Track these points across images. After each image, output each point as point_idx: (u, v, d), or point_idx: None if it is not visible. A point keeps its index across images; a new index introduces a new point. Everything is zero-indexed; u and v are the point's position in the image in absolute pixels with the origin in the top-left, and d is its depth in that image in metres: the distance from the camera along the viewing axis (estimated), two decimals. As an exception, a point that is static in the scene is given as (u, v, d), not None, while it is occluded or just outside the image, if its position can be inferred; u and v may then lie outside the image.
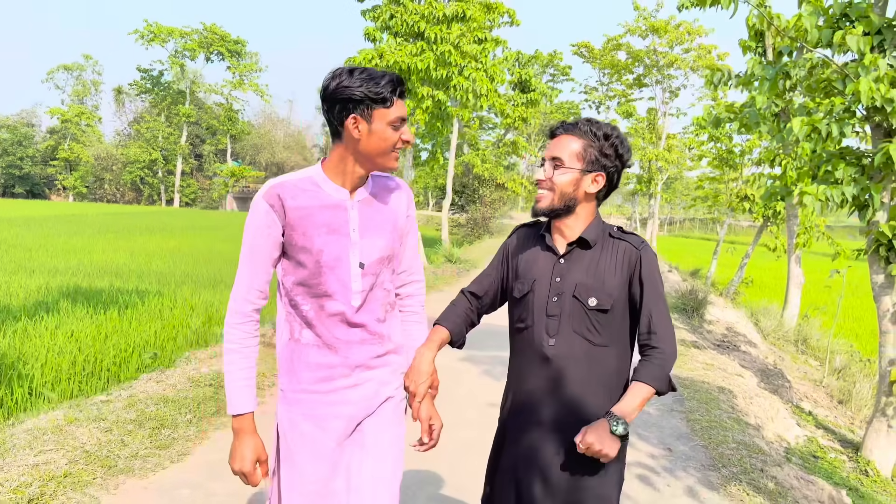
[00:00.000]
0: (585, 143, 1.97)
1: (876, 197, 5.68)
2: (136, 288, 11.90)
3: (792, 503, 3.59)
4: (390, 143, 1.88)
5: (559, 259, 2.01)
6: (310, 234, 1.88)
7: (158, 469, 3.52)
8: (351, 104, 1.82)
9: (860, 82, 5.44)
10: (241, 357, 1.93)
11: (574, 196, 1.98)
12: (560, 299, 1.95)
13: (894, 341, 5.95)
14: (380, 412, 2.02)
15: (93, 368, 7.14)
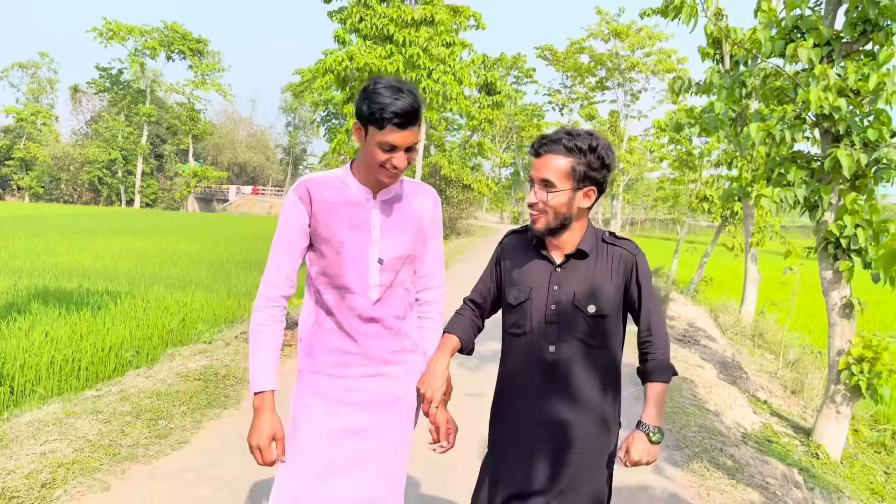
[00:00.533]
0: (572, 161, 1.98)
1: (825, 198, 6.09)
2: (106, 289, 11.88)
3: (748, 478, 3.93)
4: (377, 161, 1.95)
5: (556, 268, 2.07)
6: (333, 227, 2.01)
7: (160, 456, 3.71)
8: (357, 112, 1.97)
9: (810, 91, 5.83)
10: (266, 338, 2.03)
11: (569, 214, 2.02)
12: (559, 307, 2.02)
13: (842, 333, 6.36)
14: (390, 409, 2.09)
15: (71, 368, 7.22)
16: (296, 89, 59.65)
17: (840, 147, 5.97)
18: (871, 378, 6.17)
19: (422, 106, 1.99)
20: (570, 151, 1.98)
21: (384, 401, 2.07)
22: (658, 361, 2.02)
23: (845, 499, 5.36)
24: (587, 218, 2.09)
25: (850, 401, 6.34)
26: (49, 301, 10.08)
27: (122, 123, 60.74)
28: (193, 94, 60.70)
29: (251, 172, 69.31)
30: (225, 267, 16.93)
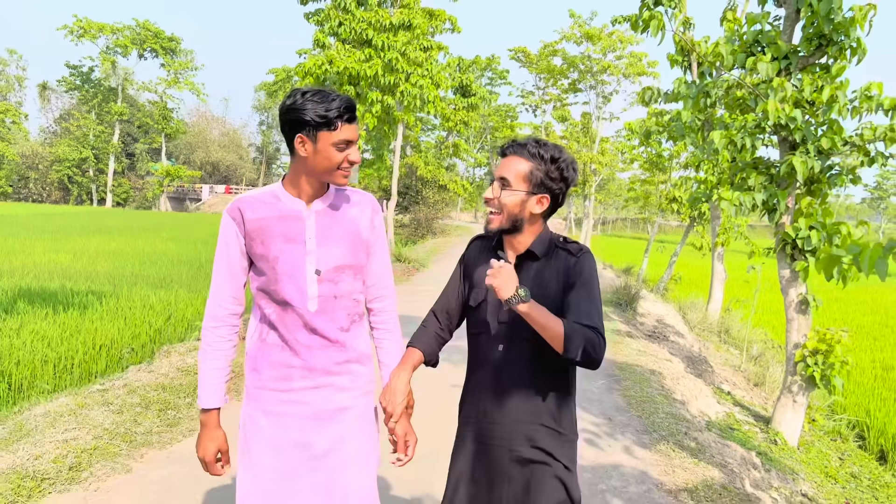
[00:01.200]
0: (532, 165, 2.04)
1: (781, 202, 6.55)
2: (89, 289, 12.03)
3: (709, 458, 4.34)
4: (335, 163, 1.99)
5: None
6: (267, 243, 2.02)
7: (174, 442, 4.02)
8: (299, 125, 1.95)
9: (767, 103, 6.28)
10: (213, 357, 2.07)
11: (520, 216, 2.07)
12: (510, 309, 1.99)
13: (798, 328, 6.83)
14: (340, 419, 2.10)
15: (64, 365, 7.44)
16: (270, 88, 59.52)
17: (796, 154, 6.41)
18: (825, 369, 6.63)
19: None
20: (532, 157, 2.04)
21: (329, 410, 2.08)
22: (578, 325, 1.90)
23: (800, 480, 5.81)
24: (542, 223, 2.13)
25: (806, 391, 6.80)
26: (34, 301, 10.24)
27: (94, 122, 60.09)
28: (166, 93, 60.26)
29: (224, 171, 68.94)
30: (205, 267, 17.08)
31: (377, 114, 15.13)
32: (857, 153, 6.84)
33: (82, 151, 58.95)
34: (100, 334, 8.43)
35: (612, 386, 6.01)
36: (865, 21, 6.45)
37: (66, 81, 62.34)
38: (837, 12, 6.44)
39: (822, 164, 6.60)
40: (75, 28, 53.56)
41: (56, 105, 66.62)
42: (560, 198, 2.10)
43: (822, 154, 6.63)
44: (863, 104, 6.59)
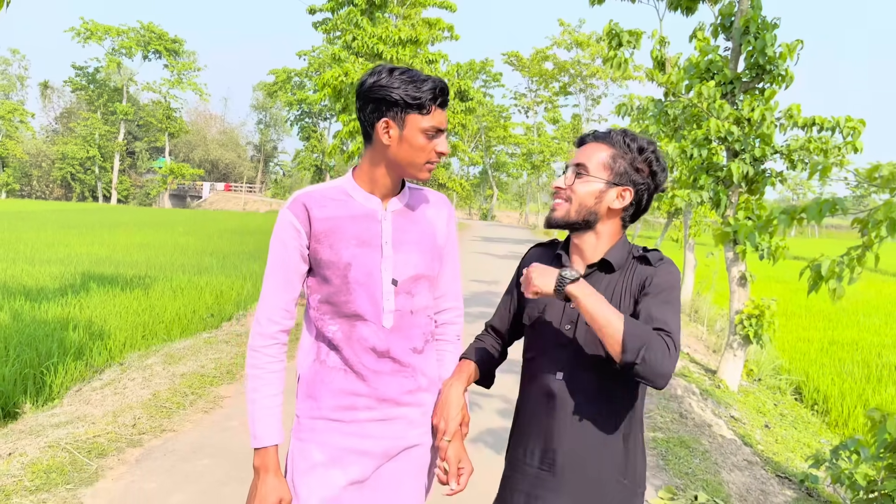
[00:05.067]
0: (616, 152, 1.76)
1: (723, 198, 8.36)
2: (138, 274, 13.79)
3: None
4: (422, 154, 1.74)
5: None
6: (337, 248, 1.76)
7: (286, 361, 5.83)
8: (385, 106, 1.70)
9: (711, 121, 8.09)
10: (266, 383, 1.80)
11: (594, 210, 1.75)
12: (573, 328, 1.74)
13: (739, 298, 8.62)
14: (403, 458, 1.86)
15: (144, 332, 9.20)
16: (269, 88, 61.11)
17: (735, 161, 8.22)
18: (757, 329, 8.44)
19: None
20: (617, 144, 1.77)
21: (398, 447, 1.84)
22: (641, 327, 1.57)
23: (732, 409, 7.66)
24: (621, 229, 1.81)
25: (743, 346, 8.62)
26: (101, 283, 11.99)
27: (99, 121, 61.65)
28: (169, 93, 61.88)
29: (223, 169, 70.48)
30: (228, 257, 18.84)
31: (387, 120, 16.91)
32: (784, 160, 8.67)
33: (89, 150, 60.52)
34: (168, 309, 10.21)
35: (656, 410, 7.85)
36: (794, 54, 8.28)
37: (73, 82, 63.83)
38: (770, 48, 8.25)
39: (756, 168, 8.40)
40: (82, 30, 55.18)
41: (57, 104, 68.10)
42: (645, 200, 1.79)
43: (756, 160, 8.41)
44: (787, 122, 8.43)
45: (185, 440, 3.98)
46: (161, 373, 5.15)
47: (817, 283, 4.17)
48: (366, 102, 1.73)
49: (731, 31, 8.84)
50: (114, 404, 4.50)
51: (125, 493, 3.32)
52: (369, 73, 1.74)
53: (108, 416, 4.24)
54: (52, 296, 10.55)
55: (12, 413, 5.75)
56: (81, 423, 4.10)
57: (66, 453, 3.64)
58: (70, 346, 7.65)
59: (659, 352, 1.51)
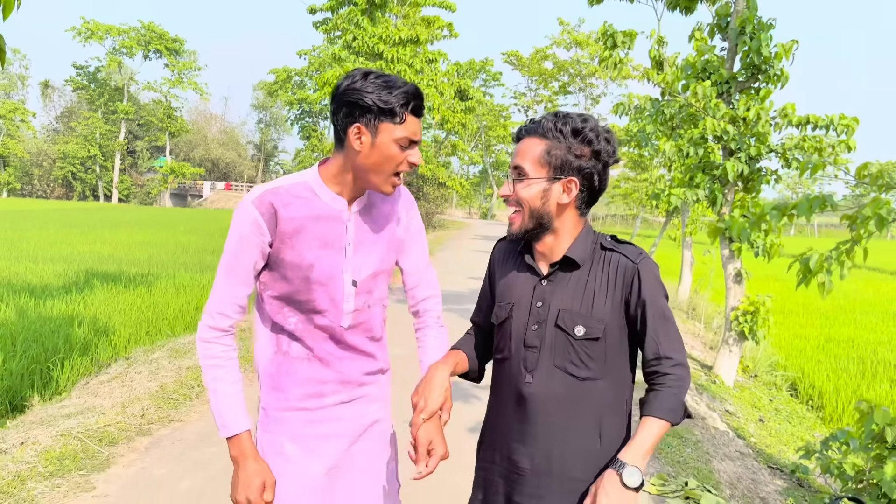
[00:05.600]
0: (549, 144, 1.64)
1: (719, 196, 8.47)
2: (140, 272, 13.91)
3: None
4: (393, 163, 1.70)
5: (541, 280, 1.71)
6: (300, 249, 1.73)
7: (288, 356, 5.96)
8: (357, 111, 1.65)
9: (707, 120, 8.21)
10: (226, 372, 1.76)
11: (545, 211, 1.66)
12: (540, 328, 1.67)
13: (734, 295, 8.73)
14: (368, 436, 1.90)
15: (148, 328, 9.31)
16: (270, 87, 61.22)
17: (730, 160, 8.33)
18: (753, 325, 8.55)
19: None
20: (548, 133, 1.65)
21: (363, 425, 1.88)
22: (664, 393, 1.58)
23: (727, 404, 7.79)
24: (580, 219, 1.72)
25: (739, 342, 8.73)
26: (104, 281, 12.11)
27: (100, 120, 61.79)
28: (170, 93, 62.03)
29: (223, 168, 70.62)
30: (230, 256, 18.95)
31: (387, 119, 17.04)
32: (779, 159, 8.78)
33: (90, 149, 60.67)
34: (172, 305, 10.33)
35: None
36: (790, 54, 8.39)
37: (73, 81, 63.98)
38: (766, 48, 8.36)
39: (752, 167, 8.51)
40: (83, 30, 55.34)
41: (58, 103, 68.25)
42: (597, 181, 1.69)
43: (752, 159, 8.52)
44: (782, 120, 8.54)
45: (193, 429, 4.11)
46: (167, 366, 5.28)
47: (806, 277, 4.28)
48: (339, 106, 1.68)
49: (727, 32, 8.95)
50: (122, 396, 4.62)
51: (136, 479, 3.45)
52: (345, 77, 1.70)
53: (116, 406, 4.37)
54: (57, 293, 10.66)
55: (20, 406, 5.88)
56: (91, 413, 4.23)
57: (78, 441, 3.76)
58: (76, 341, 7.77)
59: (684, 391, 1.61)
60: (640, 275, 1.65)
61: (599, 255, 1.71)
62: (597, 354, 1.65)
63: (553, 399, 1.65)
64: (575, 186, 1.66)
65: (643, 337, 1.64)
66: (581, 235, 1.71)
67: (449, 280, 12.16)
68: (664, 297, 1.68)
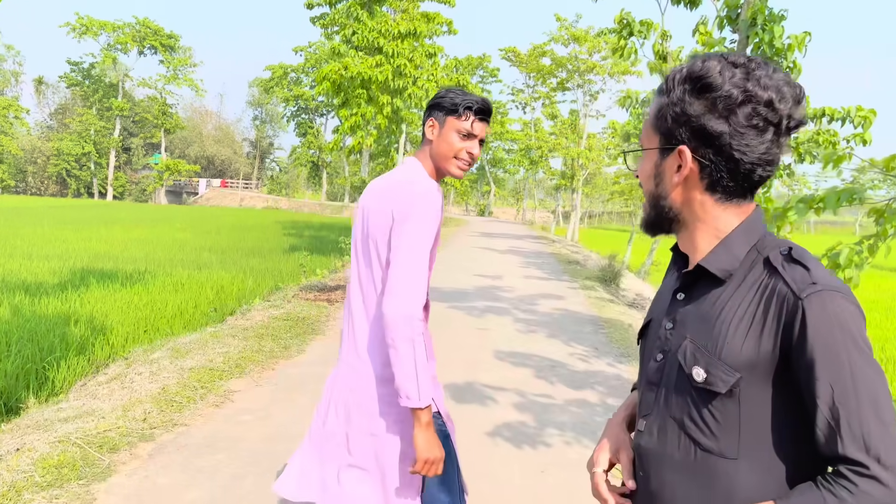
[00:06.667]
0: (663, 101, 1.16)
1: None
2: (137, 269, 13.68)
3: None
4: (454, 150, 2.03)
5: (676, 293, 1.22)
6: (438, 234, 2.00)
7: (294, 356, 5.74)
8: (434, 110, 2.09)
9: (719, 113, 8.04)
10: (423, 349, 1.89)
11: (661, 195, 1.18)
12: (665, 360, 1.19)
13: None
14: None
15: (146, 326, 9.10)
16: (265, 84, 60.88)
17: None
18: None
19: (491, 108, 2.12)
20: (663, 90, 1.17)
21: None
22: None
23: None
24: (725, 213, 1.15)
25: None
26: (100, 278, 11.89)
27: (95, 117, 61.34)
28: (165, 89, 61.58)
29: (219, 166, 70.27)
30: (228, 252, 18.73)
31: (388, 115, 16.81)
32: (791, 152, 8.61)
33: (84, 146, 60.22)
34: (170, 303, 10.12)
35: (598, 330, 7.79)
36: (802, 46, 8.21)
37: (68, 77, 63.51)
38: (778, 39, 8.18)
39: (764, 160, 8.34)
40: (77, 26, 54.83)
41: (52, 100, 67.76)
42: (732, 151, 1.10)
43: (764, 153, 8.34)
44: (795, 113, 8.36)
45: (198, 434, 3.89)
46: (168, 367, 5.07)
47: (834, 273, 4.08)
48: (426, 110, 2.13)
49: (737, 23, 8.77)
50: (122, 398, 4.41)
51: (139, 489, 3.24)
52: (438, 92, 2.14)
53: (116, 410, 4.15)
54: (52, 291, 10.44)
55: (14, 409, 5.66)
56: (90, 417, 4.01)
57: (77, 448, 3.55)
58: (72, 340, 7.55)
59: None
60: (807, 318, 1.02)
61: (758, 271, 1.11)
62: (726, 418, 1.09)
63: (668, 464, 1.16)
64: (687, 157, 1.13)
65: (814, 410, 1.01)
66: (731, 237, 1.15)
67: (453, 278, 11.96)
68: (863, 357, 1.01)
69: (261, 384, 4.92)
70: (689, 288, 1.20)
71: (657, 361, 1.21)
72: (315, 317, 7.48)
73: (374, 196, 2.07)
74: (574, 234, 33.54)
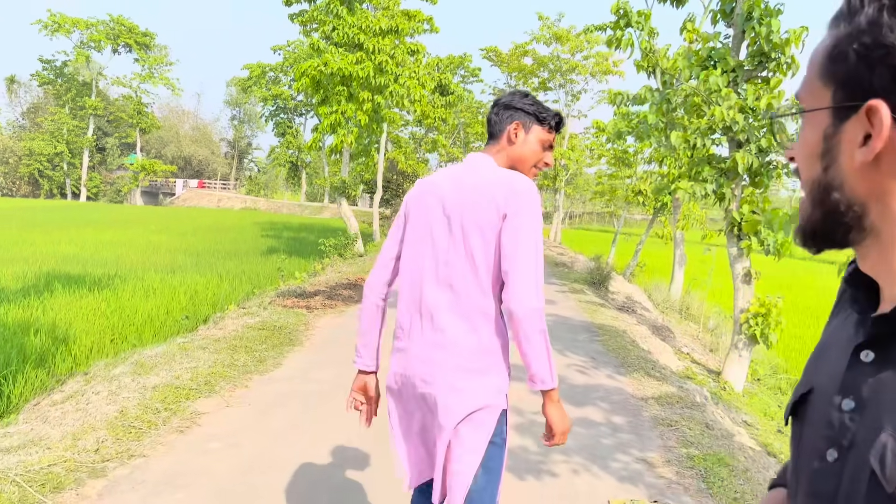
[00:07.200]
0: (839, 34, 0.68)
1: (727, 191, 7.96)
2: (107, 273, 13.08)
3: (671, 384, 5.73)
4: (535, 156, 2.16)
5: (858, 350, 0.70)
6: None
7: (269, 370, 5.27)
8: (519, 113, 2.16)
9: (716, 109, 7.68)
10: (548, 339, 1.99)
11: (834, 184, 0.70)
12: (844, 460, 0.69)
13: (743, 295, 8.24)
14: None
15: (113, 335, 8.57)
16: (243, 83, 59.98)
17: (740, 152, 7.82)
18: (764, 328, 8.06)
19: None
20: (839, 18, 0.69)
21: None
22: None
23: (742, 413, 7.26)
24: None
25: (749, 346, 8.24)
26: (67, 283, 11.29)
27: (68, 116, 60.04)
28: (140, 88, 60.42)
29: (196, 166, 69.22)
30: (203, 255, 18.13)
31: (368, 111, 16.35)
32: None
33: (56, 146, 58.90)
34: (140, 310, 9.58)
35: (593, 338, 7.41)
36: (800, 41, 7.90)
37: (40, 76, 62.08)
38: (776, 34, 7.86)
39: (762, 159, 8.01)
40: (49, 23, 53.53)
41: (24, 99, 66.27)
42: None
43: (762, 151, 8.02)
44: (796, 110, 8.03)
45: (157, 468, 3.42)
46: (130, 385, 4.58)
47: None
48: (505, 109, 2.17)
49: (731, 18, 8.44)
50: (74, 423, 3.92)
51: (85, 538, 2.77)
52: (510, 93, 2.21)
53: (67, 438, 3.67)
54: (14, 297, 9.84)
55: (-37, 429, 5.15)
56: (36, 447, 3.53)
57: (16, 487, 3.07)
58: (31, 352, 7.02)
59: None
60: None
61: None
62: None
63: None
64: (884, 120, 0.63)
65: None
66: None
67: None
68: None
69: (231, 404, 4.45)
70: (885, 343, 0.68)
71: (828, 462, 0.72)
72: (293, 325, 7.00)
73: (465, 190, 2.04)
74: (557, 234, 33.23)
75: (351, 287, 9.08)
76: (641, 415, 4.67)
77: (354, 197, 19.84)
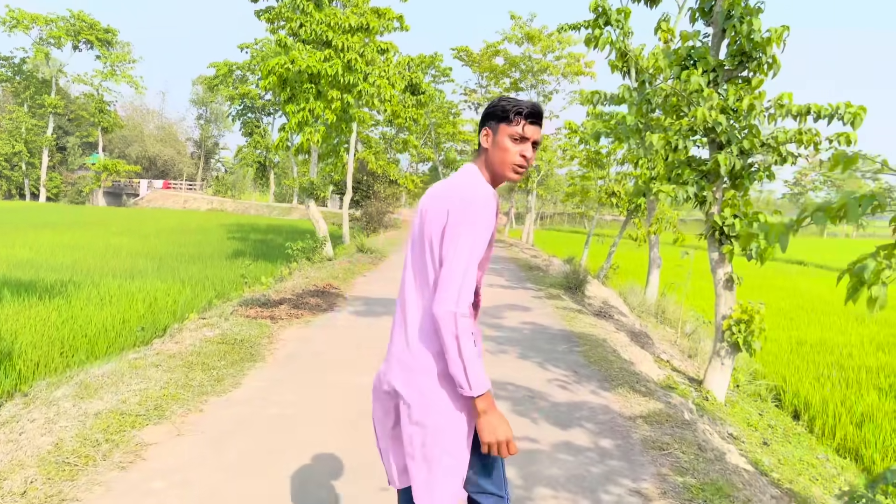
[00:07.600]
0: None
1: (709, 194, 7.71)
2: (60, 280, 12.44)
3: (657, 398, 5.42)
4: (508, 155, 2.09)
5: None
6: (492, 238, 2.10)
7: (227, 391, 4.83)
8: (488, 119, 2.13)
9: (698, 110, 7.42)
10: (473, 343, 1.98)
11: None
12: None
13: (725, 302, 7.99)
14: None
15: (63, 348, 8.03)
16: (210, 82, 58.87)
17: (721, 154, 7.57)
18: (747, 335, 7.82)
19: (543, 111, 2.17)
20: None
21: None
22: None
23: (727, 424, 7.00)
24: None
25: (731, 354, 7.99)
26: (16, 291, 10.66)
27: (26, 115, 58.30)
28: (102, 86, 58.87)
29: (161, 166, 67.83)
30: (165, 259, 17.51)
31: (336, 110, 15.88)
32: (772, 153, 8.06)
33: (15, 145, 57.15)
34: (94, 320, 9.03)
35: (573, 349, 7.08)
36: (781, 41, 7.68)
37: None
38: (757, 33, 7.62)
39: (744, 161, 7.78)
40: (7, 18, 51.86)
41: (-19, 97, 64.27)
42: None
43: (743, 153, 7.79)
44: (777, 111, 7.81)
45: (92, 514, 2.99)
46: (70, 411, 4.12)
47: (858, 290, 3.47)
48: (481, 120, 2.15)
49: (710, 16, 8.20)
50: (2, 459, 3.46)
51: None
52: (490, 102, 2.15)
53: (-10, 478, 3.21)
54: (-44, 307, 9.24)
55: None
56: (-48, 491, 3.07)
57: (-80, 544, 2.62)
58: (-31, 369, 6.50)
59: None
60: None
61: None
62: None
63: None
64: None
65: None
66: None
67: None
68: None
69: (183, 432, 4.01)
70: None
71: None
72: (255, 338, 6.55)
73: (433, 198, 2.11)
74: (529, 236, 33.01)
75: (318, 294, 8.65)
76: (631, 437, 4.34)
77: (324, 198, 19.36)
